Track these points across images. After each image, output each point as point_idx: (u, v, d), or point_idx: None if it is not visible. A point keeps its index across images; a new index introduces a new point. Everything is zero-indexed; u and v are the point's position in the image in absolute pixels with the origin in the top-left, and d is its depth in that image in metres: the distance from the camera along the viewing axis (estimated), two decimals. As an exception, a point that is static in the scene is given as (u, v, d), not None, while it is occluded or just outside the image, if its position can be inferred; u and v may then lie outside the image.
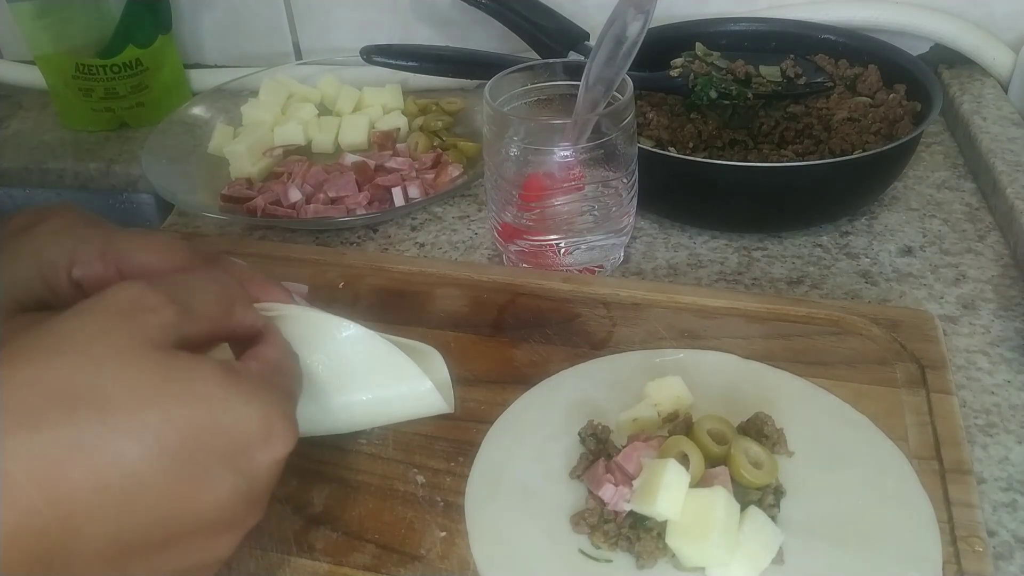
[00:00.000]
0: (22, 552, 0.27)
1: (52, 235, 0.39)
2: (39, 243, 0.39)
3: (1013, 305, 0.58)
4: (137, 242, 0.39)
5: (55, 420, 0.28)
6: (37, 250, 0.39)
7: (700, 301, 0.55)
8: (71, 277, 0.38)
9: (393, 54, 0.75)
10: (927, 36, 0.83)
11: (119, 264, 0.39)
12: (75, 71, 0.87)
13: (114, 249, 0.39)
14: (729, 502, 0.39)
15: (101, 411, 0.29)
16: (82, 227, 0.40)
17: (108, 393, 0.29)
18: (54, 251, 0.38)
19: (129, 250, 0.39)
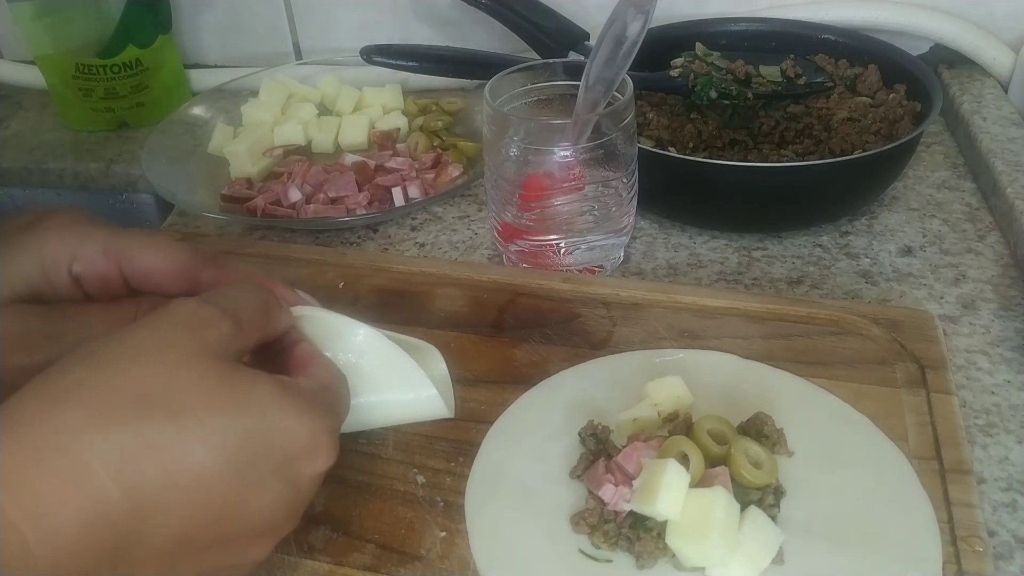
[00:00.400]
0: (95, 542, 0.29)
1: (56, 231, 0.40)
2: (43, 237, 0.39)
3: (1013, 305, 0.58)
4: (140, 242, 0.40)
5: (131, 419, 0.30)
6: (40, 244, 0.39)
7: (700, 301, 0.55)
8: (71, 272, 0.39)
9: (393, 54, 0.75)
10: (927, 36, 0.83)
11: (121, 262, 0.39)
12: (75, 71, 0.87)
13: (116, 247, 0.39)
14: (729, 502, 0.39)
15: (173, 414, 0.30)
16: (85, 225, 0.40)
17: (179, 398, 0.31)
18: (56, 246, 0.39)
19: (131, 249, 0.39)
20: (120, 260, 0.39)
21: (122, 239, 0.40)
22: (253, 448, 0.32)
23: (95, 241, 0.39)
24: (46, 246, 0.39)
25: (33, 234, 0.39)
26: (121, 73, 0.87)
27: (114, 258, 0.39)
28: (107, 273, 0.39)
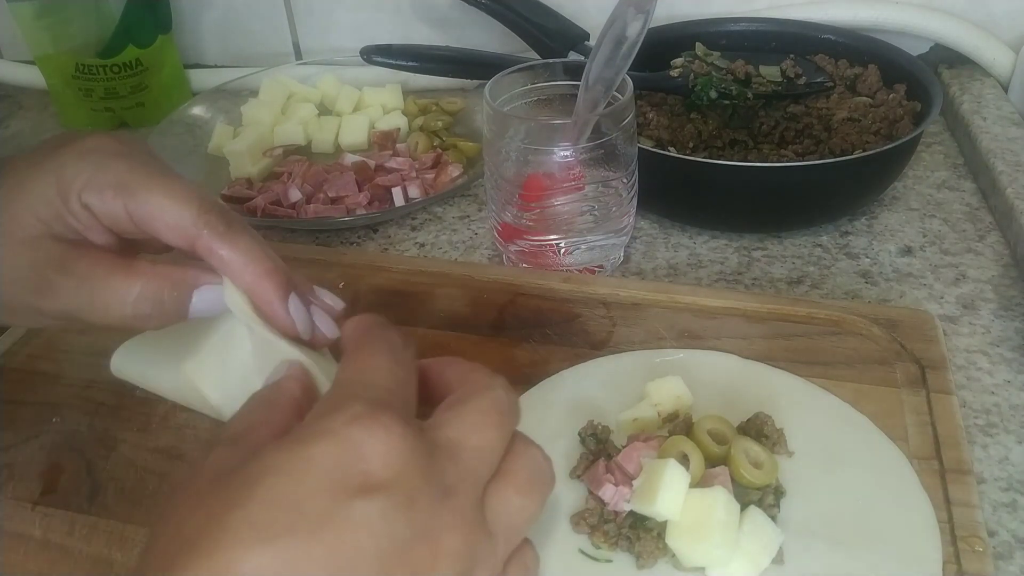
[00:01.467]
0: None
1: (77, 155, 0.38)
2: (63, 160, 0.38)
3: (1013, 305, 0.58)
4: (151, 185, 0.38)
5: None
6: (60, 166, 0.38)
7: (700, 301, 0.55)
8: (82, 201, 0.38)
9: (393, 54, 0.75)
10: (927, 36, 0.83)
11: (128, 204, 0.38)
12: (75, 71, 0.87)
13: (128, 184, 0.38)
14: (729, 502, 0.39)
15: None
16: (109, 157, 0.38)
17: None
18: (73, 170, 0.38)
19: (140, 190, 0.37)
20: (127, 201, 0.37)
21: (137, 176, 0.38)
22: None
23: (110, 173, 0.38)
24: (65, 170, 0.38)
25: (55, 157, 0.38)
26: (121, 73, 0.87)
27: (121, 197, 0.37)
28: (114, 209, 0.38)
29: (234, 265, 0.38)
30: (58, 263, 0.38)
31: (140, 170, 0.38)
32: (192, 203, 0.38)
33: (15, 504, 0.44)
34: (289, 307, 0.39)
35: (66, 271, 0.38)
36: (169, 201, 0.37)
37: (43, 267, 0.38)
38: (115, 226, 0.39)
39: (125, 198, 0.37)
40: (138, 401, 0.50)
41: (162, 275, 0.38)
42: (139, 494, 0.45)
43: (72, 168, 0.38)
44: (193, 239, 0.38)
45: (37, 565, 0.41)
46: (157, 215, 0.37)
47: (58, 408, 0.50)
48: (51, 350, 0.54)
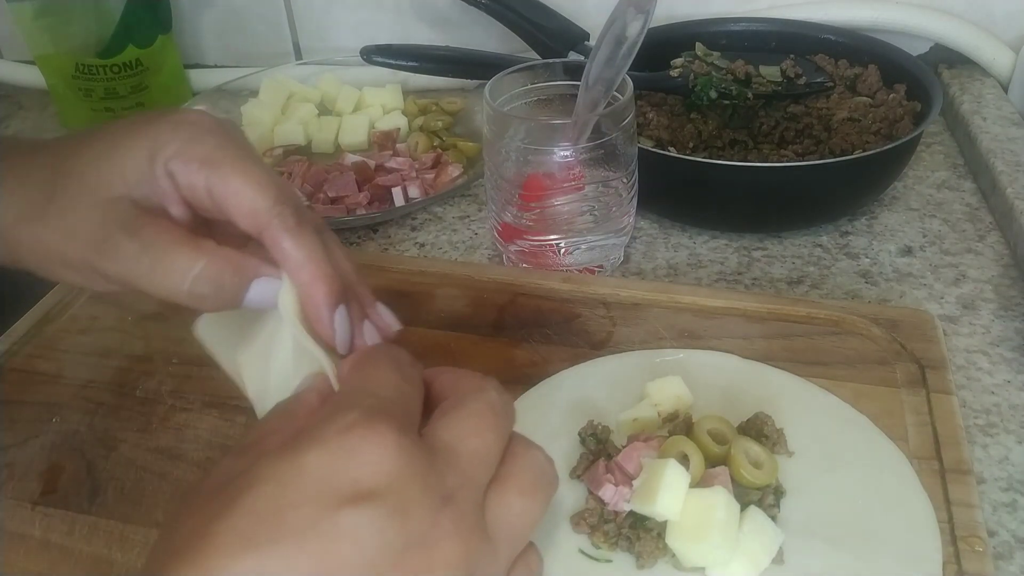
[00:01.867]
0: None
1: (173, 125, 0.39)
2: (159, 128, 0.39)
3: (1013, 305, 0.58)
4: (236, 167, 0.38)
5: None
6: (155, 134, 0.39)
7: (700, 301, 0.55)
8: (167, 168, 0.38)
9: (393, 54, 0.75)
10: (927, 36, 0.83)
11: (209, 179, 0.38)
12: (75, 71, 0.87)
13: (214, 161, 0.38)
14: (729, 502, 0.39)
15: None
16: (203, 132, 0.39)
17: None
18: (166, 138, 0.38)
19: (224, 169, 0.38)
20: (209, 176, 0.38)
21: (224, 154, 0.38)
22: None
23: (200, 147, 0.38)
24: (159, 137, 0.38)
25: (153, 124, 0.39)
26: (121, 73, 0.87)
27: (204, 172, 0.38)
28: (196, 182, 0.38)
29: (293, 261, 0.38)
30: (127, 223, 0.38)
31: (228, 149, 0.38)
32: (270, 191, 0.38)
33: (15, 504, 0.44)
34: (335, 317, 0.39)
35: (132, 233, 0.38)
36: (248, 185, 0.38)
37: (112, 225, 0.38)
38: (194, 200, 0.39)
39: (208, 173, 0.38)
40: (138, 401, 0.50)
41: (226, 257, 0.38)
42: (139, 494, 0.45)
43: (166, 136, 0.38)
44: (262, 227, 0.38)
45: (37, 565, 0.41)
46: (233, 196, 0.38)
47: (58, 408, 0.50)
48: (51, 350, 0.54)
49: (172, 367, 0.52)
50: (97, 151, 0.39)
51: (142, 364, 0.53)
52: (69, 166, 0.40)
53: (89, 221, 0.39)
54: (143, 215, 0.39)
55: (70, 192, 0.39)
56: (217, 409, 0.49)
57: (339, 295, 0.39)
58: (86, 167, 0.39)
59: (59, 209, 0.39)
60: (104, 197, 0.39)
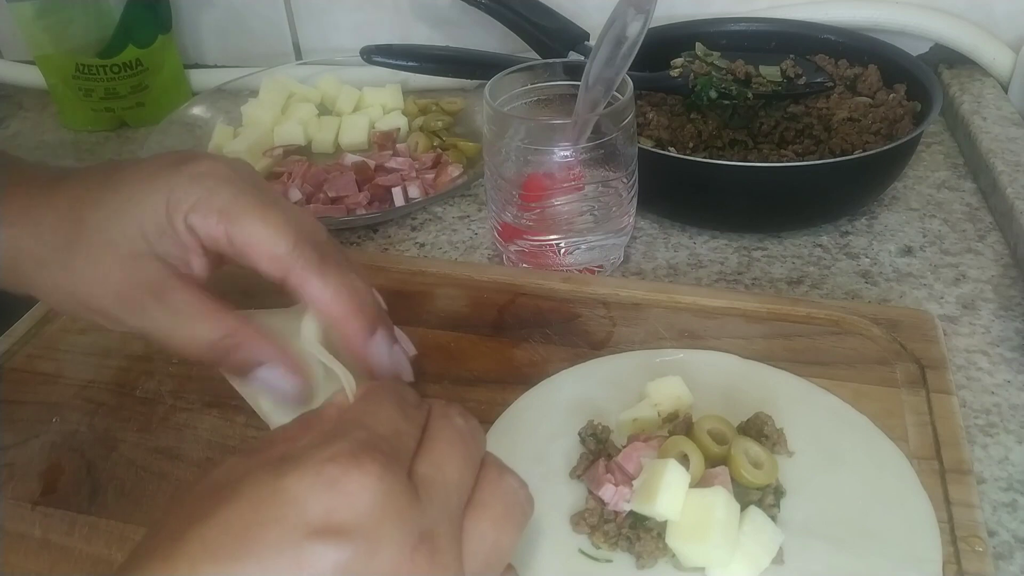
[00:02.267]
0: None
1: (189, 178, 0.40)
2: (176, 181, 0.40)
3: (1013, 305, 0.58)
4: (255, 214, 0.39)
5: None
6: (171, 187, 0.39)
7: (700, 301, 0.55)
8: (187, 222, 0.39)
9: (393, 54, 0.75)
10: (927, 36, 0.83)
11: (229, 230, 0.39)
12: (75, 71, 0.87)
13: (233, 211, 0.39)
14: (729, 502, 0.38)
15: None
16: (219, 182, 0.40)
17: None
18: (183, 192, 0.39)
19: (244, 218, 0.39)
20: (229, 227, 0.39)
21: (241, 203, 0.39)
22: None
23: (217, 198, 0.39)
24: (176, 191, 0.39)
25: (170, 177, 0.40)
26: (121, 73, 0.87)
27: (224, 223, 0.39)
28: (216, 234, 0.39)
29: (321, 301, 0.39)
30: (155, 289, 0.39)
31: (245, 198, 0.39)
32: (289, 235, 0.39)
33: (15, 504, 0.44)
34: (373, 346, 0.40)
35: (161, 299, 0.39)
36: (267, 231, 0.39)
37: (139, 287, 0.39)
38: (217, 249, 0.40)
39: (227, 224, 0.39)
40: (138, 401, 0.50)
41: (243, 335, 0.40)
42: (139, 494, 0.45)
43: (182, 191, 0.39)
44: (286, 271, 0.39)
45: (37, 565, 0.41)
46: (254, 244, 0.39)
47: (58, 408, 0.50)
48: (51, 350, 0.54)
49: (172, 367, 0.52)
50: (115, 204, 0.40)
51: (142, 364, 0.53)
52: (88, 216, 0.40)
53: (114, 277, 0.39)
54: (170, 278, 0.40)
55: (92, 244, 0.40)
56: (217, 409, 0.49)
57: (373, 323, 0.40)
58: (106, 220, 0.40)
59: (81, 260, 0.40)
60: (127, 252, 0.39)
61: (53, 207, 0.41)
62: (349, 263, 0.41)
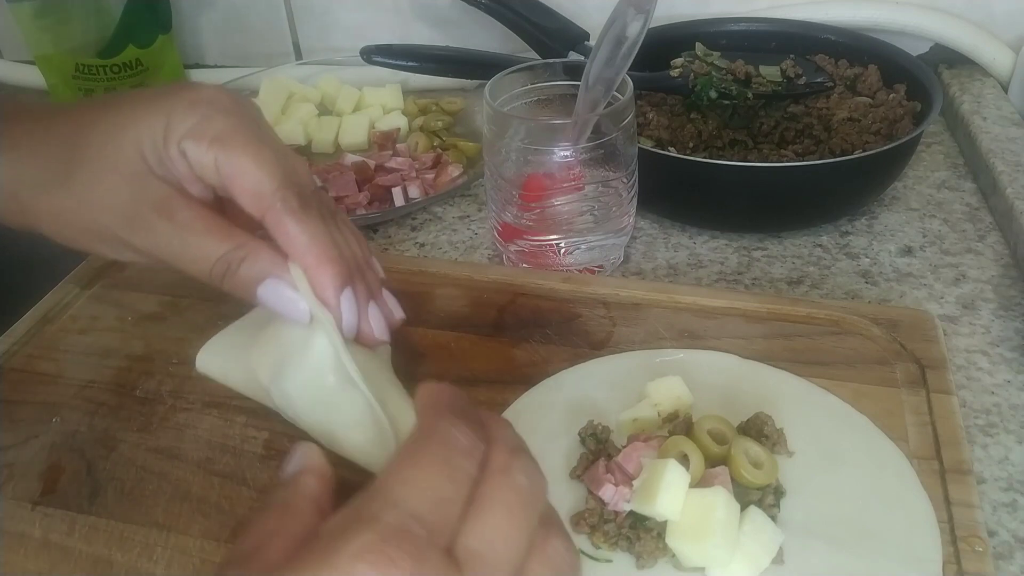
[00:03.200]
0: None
1: (189, 104, 0.39)
2: (174, 105, 0.39)
3: (1013, 305, 0.58)
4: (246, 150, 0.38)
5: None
6: (170, 111, 0.39)
7: (700, 301, 0.55)
8: (180, 147, 0.39)
9: (393, 54, 0.75)
10: (927, 36, 0.83)
11: (218, 158, 0.38)
12: (75, 71, 0.87)
13: (225, 142, 0.38)
14: (729, 502, 0.38)
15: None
16: (217, 111, 0.39)
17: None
18: (181, 116, 0.39)
19: (235, 151, 0.38)
20: (218, 155, 0.38)
21: (236, 135, 0.39)
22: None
23: (213, 126, 0.39)
24: (174, 115, 0.39)
25: (169, 100, 0.40)
26: (121, 73, 0.87)
27: (214, 151, 0.38)
28: (205, 161, 0.38)
29: (296, 244, 0.38)
30: (160, 205, 0.39)
31: (240, 130, 0.39)
32: (275, 175, 0.38)
33: (15, 504, 0.44)
34: (341, 298, 0.39)
35: (167, 215, 0.39)
36: (254, 166, 0.38)
37: (144, 205, 0.39)
38: (205, 179, 0.39)
39: (217, 152, 0.38)
40: (138, 401, 0.50)
41: (251, 248, 0.39)
42: (139, 494, 0.45)
43: (180, 115, 0.39)
44: (265, 210, 0.38)
45: (37, 565, 0.41)
46: (239, 176, 0.38)
47: (58, 408, 0.50)
48: (51, 350, 0.54)
49: (172, 367, 0.52)
50: (115, 126, 0.40)
51: (142, 364, 0.53)
52: (88, 138, 0.40)
53: (117, 195, 0.39)
54: (175, 196, 0.39)
55: (92, 164, 0.39)
56: (217, 409, 0.49)
57: (345, 278, 0.39)
58: (105, 141, 0.39)
59: (82, 180, 0.39)
60: (128, 172, 0.39)
61: (53, 132, 0.41)
62: (338, 219, 0.41)
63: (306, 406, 0.42)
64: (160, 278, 0.60)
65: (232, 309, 0.47)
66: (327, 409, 0.41)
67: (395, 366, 0.48)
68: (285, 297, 0.39)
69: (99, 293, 0.59)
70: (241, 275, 0.39)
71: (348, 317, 0.39)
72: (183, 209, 0.39)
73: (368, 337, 0.41)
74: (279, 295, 0.39)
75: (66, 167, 0.40)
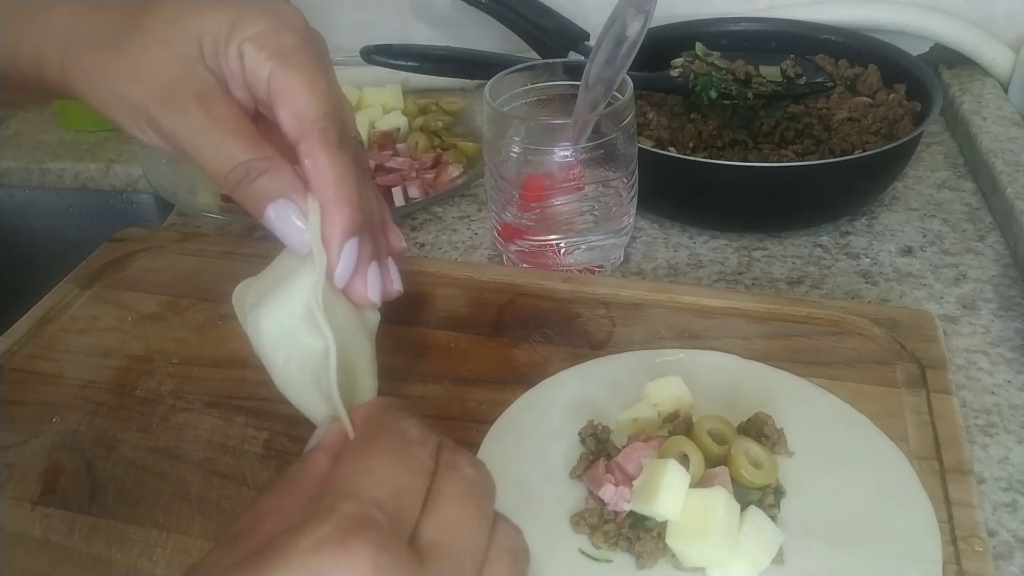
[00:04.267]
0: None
1: (264, 10, 0.39)
2: (247, 7, 0.39)
3: (1013, 305, 0.58)
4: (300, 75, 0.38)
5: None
6: (243, 10, 0.39)
7: (700, 301, 0.55)
8: (240, 48, 0.38)
9: (393, 54, 0.75)
10: (927, 36, 0.83)
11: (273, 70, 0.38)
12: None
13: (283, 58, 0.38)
14: (729, 502, 0.38)
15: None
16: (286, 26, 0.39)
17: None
18: (250, 19, 0.39)
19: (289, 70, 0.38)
20: (274, 68, 0.38)
21: (298, 55, 0.38)
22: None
23: (278, 38, 0.38)
24: (246, 14, 0.39)
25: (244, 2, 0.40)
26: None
27: (271, 62, 0.38)
28: (260, 70, 0.38)
29: (323, 176, 0.37)
30: (201, 92, 0.38)
31: (303, 51, 0.39)
32: (324, 103, 0.38)
33: (15, 504, 0.44)
34: (345, 246, 0.38)
35: (204, 105, 0.38)
36: (306, 90, 0.38)
37: (186, 87, 0.38)
38: (253, 87, 0.39)
39: (274, 65, 0.38)
40: (138, 401, 0.50)
41: (273, 162, 0.38)
42: (139, 494, 0.45)
43: (251, 17, 0.39)
44: (303, 135, 0.38)
45: (37, 565, 0.41)
46: (288, 95, 0.38)
47: (58, 408, 0.50)
48: (51, 350, 0.54)
49: (172, 367, 0.52)
50: (182, 6, 0.39)
51: (142, 364, 0.53)
52: (152, 10, 0.39)
53: (164, 72, 0.38)
54: (217, 88, 0.39)
55: (148, 34, 0.39)
56: (217, 409, 0.49)
57: (356, 225, 0.38)
58: (169, 17, 0.39)
59: (133, 46, 0.39)
60: (180, 52, 0.38)
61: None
62: (366, 171, 0.40)
63: (271, 340, 0.40)
64: (160, 278, 0.60)
65: (232, 309, 0.47)
66: (288, 347, 0.39)
67: (395, 366, 0.48)
68: (291, 222, 0.38)
69: (99, 293, 0.59)
70: (256, 187, 0.38)
71: (345, 265, 0.38)
72: (221, 103, 0.38)
73: (358, 294, 0.40)
74: (286, 218, 0.38)
75: (121, 29, 0.39)
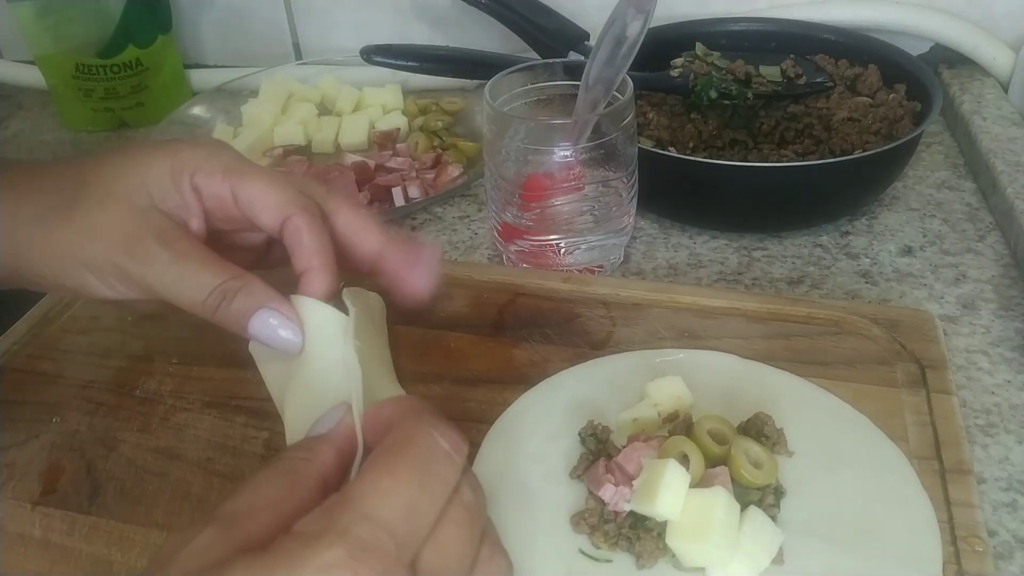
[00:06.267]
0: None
1: (192, 145, 0.43)
2: (179, 147, 0.43)
3: (1013, 305, 0.58)
4: (258, 174, 0.42)
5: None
6: (175, 151, 0.42)
7: (700, 301, 0.55)
8: (192, 183, 0.41)
9: (393, 54, 0.75)
10: (927, 36, 0.83)
11: (234, 186, 0.41)
12: (75, 71, 0.87)
13: (236, 170, 0.42)
14: (729, 502, 0.38)
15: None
16: (220, 148, 0.43)
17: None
18: (188, 155, 0.42)
19: (247, 175, 0.42)
20: (234, 183, 0.41)
21: (245, 165, 0.42)
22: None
23: (221, 160, 0.42)
24: (180, 154, 0.42)
25: (171, 145, 0.43)
26: (121, 73, 0.87)
27: (229, 180, 0.41)
28: (221, 191, 0.41)
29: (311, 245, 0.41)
30: (162, 233, 0.41)
31: (241, 160, 0.43)
32: (291, 187, 0.42)
33: (15, 504, 0.44)
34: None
35: (167, 243, 0.40)
36: (271, 185, 0.41)
37: (146, 231, 0.41)
38: (218, 210, 0.42)
39: (232, 181, 0.41)
40: (138, 401, 0.50)
41: (245, 281, 0.40)
42: (139, 494, 0.45)
43: (187, 153, 0.42)
44: (288, 215, 0.41)
45: (37, 565, 0.41)
46: (258, 197, 0.41)
47: (58, 408, 0.50)
48: (51, 350, 0.54)
49: (172, 367, 0.52)
50: (120, 166, 0.42)
51: (142, 364, 0.53)
52: (92, 175, 0.42)
53: (121, 224, 0.41)
54: (176, 228, 0.41)
55: (96, 197, 0.41)
56: (217, 409, 0.49)
57: (336, 288, 0.42)
58: (112, 178, 0.42)
59: (85, 211, 0.41)
60: (132, 205, 0.41)
61: (54, 174, 0.43)
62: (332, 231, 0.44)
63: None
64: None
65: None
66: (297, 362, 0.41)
67: (395, 366, 0.48)
68: (275, 330, 0.40)
69: (99, 293, 0.59)
70: (235, 306, 0.40)
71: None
72: (183, 239, 0.41)
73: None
74: (271, 328, 0.40)
75: (68, 202, 0.41)
